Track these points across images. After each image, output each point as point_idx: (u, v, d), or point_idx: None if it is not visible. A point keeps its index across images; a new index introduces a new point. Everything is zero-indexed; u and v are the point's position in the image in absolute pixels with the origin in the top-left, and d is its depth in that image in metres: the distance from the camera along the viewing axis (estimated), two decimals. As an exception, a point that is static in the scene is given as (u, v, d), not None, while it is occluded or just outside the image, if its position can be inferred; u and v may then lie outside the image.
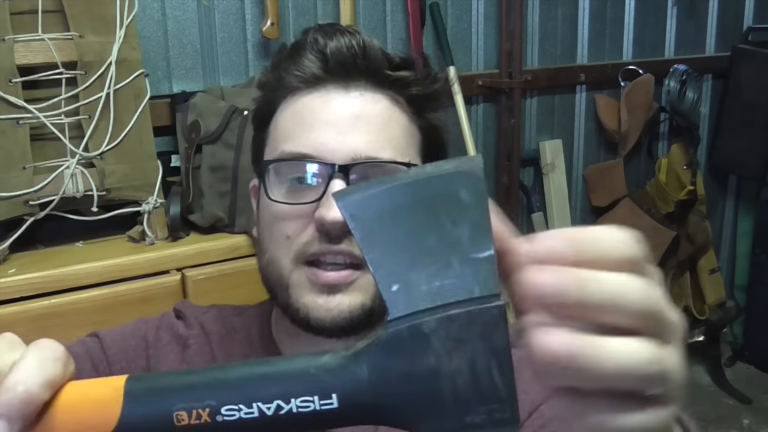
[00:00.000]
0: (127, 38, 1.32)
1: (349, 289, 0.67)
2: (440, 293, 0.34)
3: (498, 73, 2.22)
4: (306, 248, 0.67)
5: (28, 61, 1.24)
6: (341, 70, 0.70)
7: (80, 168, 1.28)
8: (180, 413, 0.34)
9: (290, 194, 0.69)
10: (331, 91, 0.70)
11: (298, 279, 0.68)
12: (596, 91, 2.46)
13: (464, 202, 0.34)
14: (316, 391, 0.34)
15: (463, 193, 0.34)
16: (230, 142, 1.42)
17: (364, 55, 0.70)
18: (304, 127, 0.69)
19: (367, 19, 1.98)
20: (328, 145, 0.67)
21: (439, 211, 0.34)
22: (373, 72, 0.70)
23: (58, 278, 1.21)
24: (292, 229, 0.68)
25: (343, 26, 0.73)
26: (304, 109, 0.70)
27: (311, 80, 0.70)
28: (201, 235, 1.43)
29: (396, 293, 0.34)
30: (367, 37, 0.70)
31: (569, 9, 2.36)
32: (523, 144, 2.34)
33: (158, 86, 1.67)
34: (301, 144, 0.68)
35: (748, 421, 2.40)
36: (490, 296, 0.33)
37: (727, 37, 2.70)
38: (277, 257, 0.69)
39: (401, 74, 0.71)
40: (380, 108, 0.70)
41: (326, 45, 0.70)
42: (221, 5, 1.77)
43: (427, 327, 0.33)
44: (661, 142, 2.66)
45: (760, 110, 2.55)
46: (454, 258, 0.33)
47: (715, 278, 2.72)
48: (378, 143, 0.69)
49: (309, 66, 0.70)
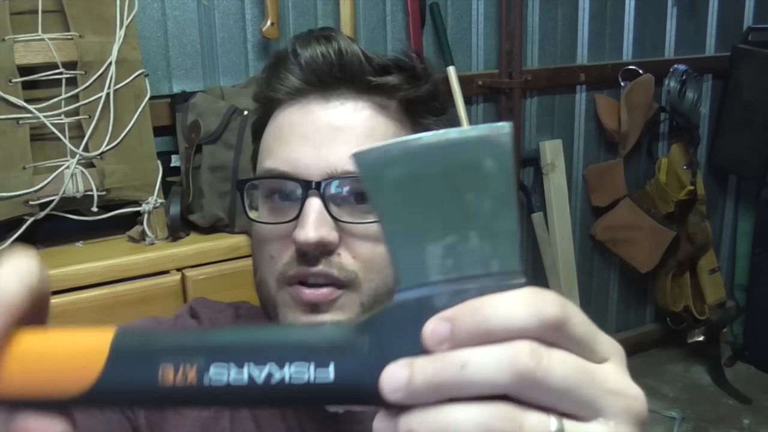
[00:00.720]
0: (127, 38, 1.32)
1: (332, 308, 0.64)
2: (456, 266, 0.32)
3: (498, 73, 2.22)
4: (286, 269, 0.64)
5: (28, 61, 1.24)
6: (318, 79, 0.66)
7: (80, 168, 1.28)
8: (166, 368, 0.32)
9: (272, 212, 0.67)
10: (312, 102, 0.67)
11: (283, 298, 0.66)
12: (596, 91, 2.46)
13: (488, 172, 0.32)
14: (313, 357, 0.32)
15: (488, 162, 0.32)
16: (230, 142, 1.42)
17: (341, 63, 0.66)
18: (282, 143, 0.66)
19: (367, 19, 1.98)
20: (304, 160, 0.64)
21: (460, 180, 0.32)
22: (353, 79, 0.66)
23: (58, 278, 1.21)
24: (274, 250, 0.66)
25: (323, 32, 0.69)
26: (284, 123, 0.67)
27: (292, 92, 0.67)
28: (201, 235, 1.43)
29: (408, 262, 0.32)
30: (344, 42, 0.66)
31: (569, 9, 2.36)
32: (523, 144, 2.34)
33: (158, 86, 1.67)
34: (279, 160, 0.66)
35: (748, 421, 2.40)
36: (509, 272, 0.31)
37: (727, 37, 2.70)
38: (264, 278, 0.67)
39: (384, 79, 0.67)
40: (362, 117, 0.66)
41: (301, 55, 0.67)
42: (221, 5, 1.77)
43: (438, 300, 0.32)
44: (661, 142, 2.66)
45: (760, 110, 2.55)
46: (473, 230, 0.32)
47: (715, 278, 2.72)
48: None
49: (288, 78, 0.67)
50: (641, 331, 2.82)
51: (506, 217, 0.32)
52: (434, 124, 0.71)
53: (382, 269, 0.65)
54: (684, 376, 2.66)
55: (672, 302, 2.66)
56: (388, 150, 0.32)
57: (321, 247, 0.62)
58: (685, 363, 2.74)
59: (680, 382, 2.62)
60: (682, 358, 2.76)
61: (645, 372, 2.62)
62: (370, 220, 0.64)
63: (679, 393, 2.55)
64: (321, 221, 0.62)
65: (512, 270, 0.32)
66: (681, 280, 2.66)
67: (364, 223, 0.63)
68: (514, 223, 0.32)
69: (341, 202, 0.64)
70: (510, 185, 0.32)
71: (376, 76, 0.66)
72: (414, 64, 0.69)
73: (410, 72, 0.68)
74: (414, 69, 0.69)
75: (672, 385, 2.59)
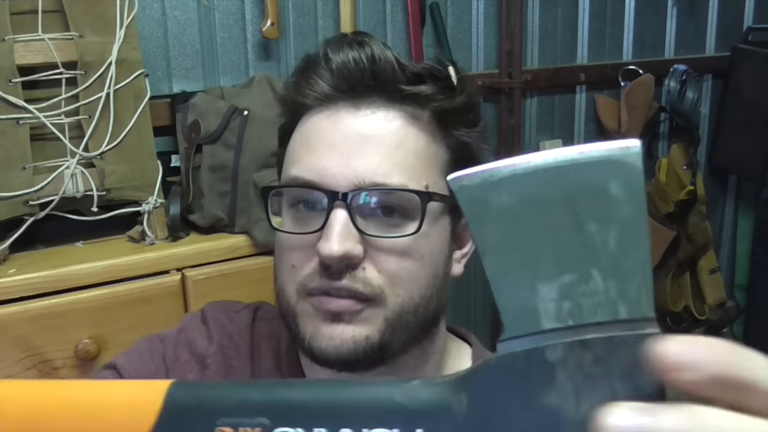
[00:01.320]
0: (127, 38, 1.32)
1: (354, 320, 0.62)
2: (574, 312, 0.26)
3: (498, 73, 2.22)
4: (308, 281, 0.63)
5: (28, 61, 1.24)
6: (349, 86, 0.64)
7: (80, 168, 1.28)
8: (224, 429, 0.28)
9: (296, 222, 0.65)
10: (341, 109, 0.64)
11: (303, 308, 0.64)
12: (596, 91, 2.46)
13: (615, 198, 0.26)
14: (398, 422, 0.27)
15: (614, 187, 0.26)
16: (230, 142, 1.42)
17: (373, 70, 0.63)
18: (309, 150, 0.64)
19: (367, 19, 1.98)
20: (331, 170, 0.62)
21: (580, 207, 0.27)
22: (385, 87, 0.64)
23: (58, 278, 1.21)
24: (296, 260, 0.64)
25: (356, 36, 0.66)
26: (312, 129, 0.65)
27: (321, 98, 0.65)
28: (201, 235, 1.43)
29: (515, 306, 0.27)
30: (378, 48, 0.64)
31: (569, 9, 2.36)
32: (523, 144, 2.34)
33: (158, 86, 1.67)
34: (305, 168, 0.64)
35: (748, 421, 2.40)
36: (640, 320, 0.25)
37: (727, 37, 2.70)
38: (284, 286, 0.66)
39: (417, 89, 0.64)
40: (393, 127, 0.63)
41: (333, 60, 0.64)
42: (221, 5, 1.77)
43: (551, 353, 0.26)
44: (661, 142, 2.66)
45: (760, 110, 2.55)
46: (597, 268, 0.26)
47: (715, 278, 2.71)
48: (387, 167, 0.62)
49: (318, 83, 0.65)
50: (641, 331, 2.81)
51: (636, 251, 0.26)
52: (467, 136, 0.68)
53: (409, 284, 0.63)
54: (684, 376, 2.66)
55: (672, 302, 2.66)
56: (493, 173, 0.28)
57: (345, 261, 0.60)
58: (685, 363, 2.73)
59: (680, 382, 2.61)
60: (682, 358, 2.75)
61: (645, 372, 2.62)
62: (397, 234, 0.62)
63: (679, 393, 2.55)
64: (346, 234, 0.60)
65: (644, 317, 0.26)
66: (681, 280, 2.66)
67: (391, 237, 0.62)
68: (647, 259, 0.26)
69: (368, 214, 0.62)
70: (641, 213, 0.27)
71: (409, 84, 0.64)
72: (449, 74, 0.67)
73: (445, 82, 0.66)
74: (448, 79, 0.67)
75: (672, 385, 2.59)
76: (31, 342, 1.16)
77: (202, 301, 0.95)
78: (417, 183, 0.63)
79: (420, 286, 0.64)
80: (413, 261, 0.63)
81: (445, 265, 0.67)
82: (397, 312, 0.63)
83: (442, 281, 0.67)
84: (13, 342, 1.15)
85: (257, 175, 1.39)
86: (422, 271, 0.64)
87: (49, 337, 1.18)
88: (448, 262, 0.68)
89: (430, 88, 0.65)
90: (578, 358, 0.25)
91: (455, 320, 2.32)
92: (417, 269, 0.63)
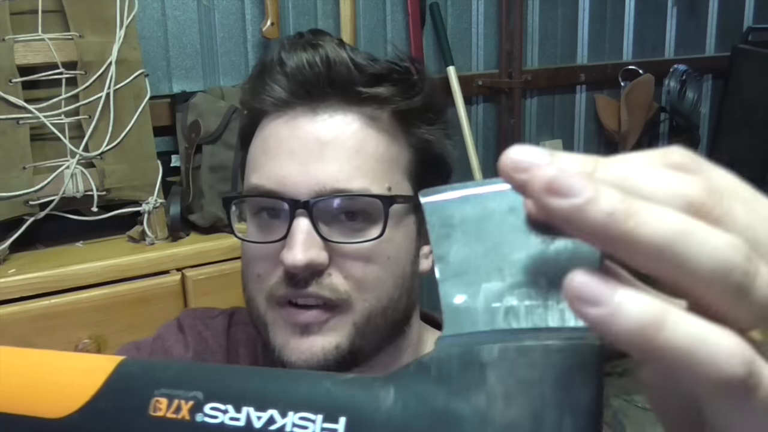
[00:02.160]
0: (127, 38, 1.32)
1: (323, 329, 0.62)
2: (517, 315, 0.26)
3: (498, 73, 2.22)
4: (274, 290, 0.62)
5: (28, 61, 1.24)
6: (305, 92, 0.62)
7: (80, 168, 1.28)
8: (159, 399, 0.29)
9: (260, 230, 0.64)
10: (299, 114, 0.63)
11: (273, 318, 0.64)
12: (596, 91, 2.46)
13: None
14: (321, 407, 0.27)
15: None
16: (230, 142, 1.42)
17: (329, 74, 0.62)
18: (269, 157, 0.63)
19: (367, 19, 1.98)
20: (291, 178, 0.61)
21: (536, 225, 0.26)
22: (342, 90, 0.62)
23: (58, 278, 1.21)
24: (262, 268, 0.64)
25: (311, 37, 0.65)
26: (271, 136, 0.64)
27: (277, 103, 0.64)
28: (201, 235, 1.43)
29: (457, 305, 0.27)
30: (333, 50, 0.62)
31: (569, 9, 2.36)
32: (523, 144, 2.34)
33: (158, 86, 1.67)
34: (265, 177, 0.63)
35: (748, 421, 2.40)
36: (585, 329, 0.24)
37: (727, 37, 2.70)
38: (253, 295, 0.65)
39: (375, 91, 0.63)
40: (352, 130, 0.62)
41: (287, 63, 0.63)
42: (221, 5, 1.77)
43: (486, 354, 0.25)
44: (661, 142, 2.66)
45: (760, 110, 2.55)
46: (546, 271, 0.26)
47: (715, 278, 2.72)
48: (347, 172, 0.61)
49: (274, 89, 0.63)
50: (641, 331, 2.82)
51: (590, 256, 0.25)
52: (428, 134, 0.67)
53: (376, 287, 0.63)
54: (684, 376, 2.66)
55: (672, 302, 2.67)
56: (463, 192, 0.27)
57: (310, 269, 0.60)
58: (685, 363, 2.74)
59: (680, 382, 2.62)
60: (682, 358, 2.76)
61: (645, 372, 2.62)
62: (361, 240, 0.61)
63: (679, 393, 2.55)
64: (309, 242, 0.60)
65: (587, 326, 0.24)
66: (681, 280, 2.67)
67: (355, 243, 0.61)
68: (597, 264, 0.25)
69: (331, 220, 0.62)
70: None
71: (366, 86, 0.63)
72: (408, 72, 0.65)
73: (404, 82, 0.65)
74: (408, 79, 0.65)
75: (672, 385, 2.59)
76: (31, 342, 1.16)
77: (202, 301, 0.95)
78: (379, 186, 0.62)
79: (387, 288, 0.64)
80: (379, 264, 0.63)
81: (412, 264, 0.67)
82: (366, 316, 0.62)
83: (411, 281, 0.67)
84: (13, 342, 1.15)
85: (257, 175, 1.39)
86: (389, 273, 0.64)
87: (49, 337, 1.18)
88: (415, 261, 0.68)
89: (388, 90, 0.63)
90: (513, 362, 0.25)
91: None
92: (383, 272, 0.63)
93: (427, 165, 0.68)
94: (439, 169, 0.70)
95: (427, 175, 0.68)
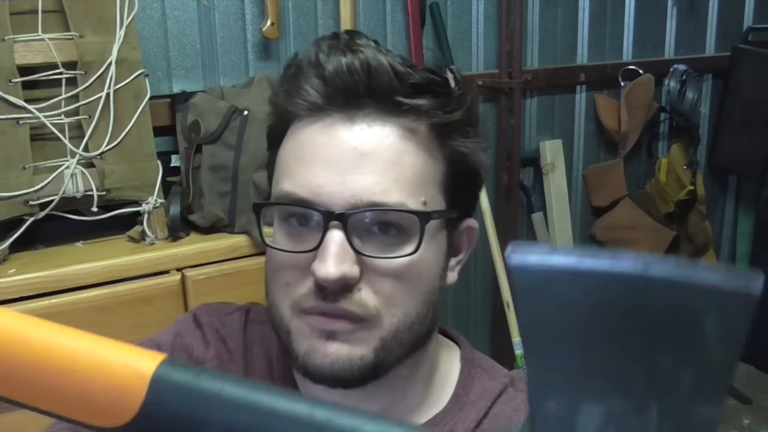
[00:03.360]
0: (127, 38, 1.32)
1: (350, 339, 0.61)
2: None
3: (498, 73, 2.22)
4: (302, 301, 0.61)
5: (28, 61, 1.24)
6: (342, 97, 0.60)
7: (80, 168, 1.28)
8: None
9: (291, 237, 0.63)
10: (336, 121, 0.61)
11: (297, 326, 0.63)
12: (596, 91, 2.46)
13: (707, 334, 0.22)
14: None
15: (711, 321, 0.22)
16: (230, 142, 1.42)
17: (369, 80, 0.59)
18: (303, 164, 0.61)
19: (367, 19, 1.98)
20: (326, 188, 0.59)
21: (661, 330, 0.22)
22: (381, 99, 0.60)
23: (58, 278, 1.21)
24: (290, 277, 0.62)
25: (350, 39, 0.63)
26: (305, 142, 0.62)
27: (312, 108, 0.62)
28: (201, 235, 1.43)
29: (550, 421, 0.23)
30: (373, 55, 0.60)
31: (569, 9, 2.36)
32: (523, 144, 2.34)
33: (158, 86, 1.67)
34: (298, 185, 0.61)
35: (748, 421, 2.40)
36: None
37: (727, 37, 2.70)
38: (277, 303, 0.64)
39: (414, 102, 0.61)
40: (390, 142, 0.60)
41: (325, 67, 0.60)
42: (221, 5, 1.77)
43: None
44: (661, 142, 2.66)
45: (759, 110, 2.55)
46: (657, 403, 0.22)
47: (715, 278, 2.71)
48: (384, 184, 0.59)
49: (308, 92, 0.61)
50: (641, 331, 2.81)
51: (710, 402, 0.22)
52: (464, 146, 0.66)
53: (405, 303, 0.62)
54: (684, 376, 2.66)
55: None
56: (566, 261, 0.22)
57: (342, 283, 0.59)
58: (685, 363, 2.73)
59: (680, 382, 2.62)
60: (682, 358, 2.76)
61: (645, 372, 2.62)
62: (394, 255, 0.60)
63: (679, 393, 2.55)
64: (343, 255, 0.58)
65: None
66: (681, 280, 2.66)
67: (389, 258, 0.60)
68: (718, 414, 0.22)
69: (364, 233, 0.61)
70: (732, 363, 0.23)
71: (406, 97, 0.61)
72: (447, 84, 0.64)
73: (444, 95, 0.63)
74: (449, 92, 0.64)
75: (672, 385, 2.59)
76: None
77: (202, 301, 0.95)
78: (415, 200, 0.61)
79: (416, 304, 0.63)
80: (410, 281, 0.62)
81: (440, 279, 0.66)
82: (393, 332, 0.62)
83: (437, 295, 0.66)
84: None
85: (257, 175, 1.39)
86: (419, 289, 0.63)
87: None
88: (443, 275, 0.67)
89: (428, 102, 0.62)
90: None
91: (455, 320, 2.32)
92: (413, 289, 0.62)
93: (460, 177, 0.66)
94: (472, 182, 0.68)
95: (460, 187, 0.66)
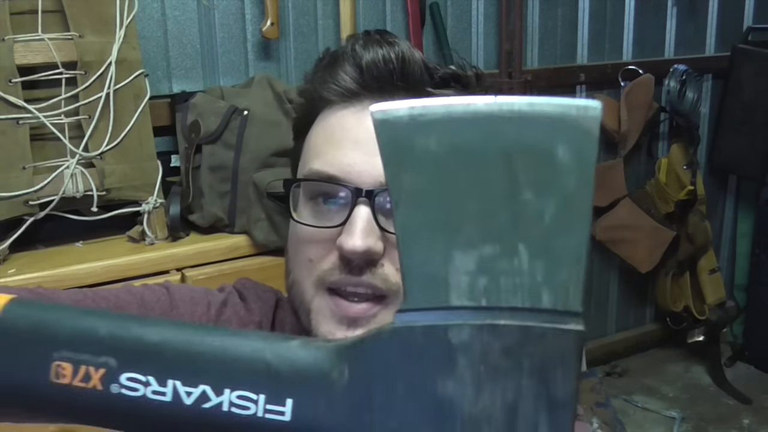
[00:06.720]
0: (127, 38, 1.32)
1: (370, 324, 0.62)
2: (490, 290, 0.22)
3: (498, 73, 2.22)
4: (327, 275, 0.63)
5: (28, 61, 1.24)
6: (377, 84, 0.64)
7: (80, 168, 1.28)
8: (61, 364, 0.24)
9: (316, 215, 0.65)
10: (368, 107, 0.62)
11: (319, 305, 0.64)
12: (596, 91, 2.46)
13: (561, 165, 0.22)
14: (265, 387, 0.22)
15: (563, 151, 0.22)
16: (230, 142, 1.42)
17: (402, 69, 0.64)
18: (333, 145, 0.65)
19: (367, 19, 1.98)
20: (356, 167, 0.62)
21: (519, 169, 0.22)
22: (412, 88, 0.65)
23: (58, 278, 1.21)
24: (314, 253, 0.64)
25: (386, 35, 0.67)
26: (337, 125, 0.66)
27: (346, 94, 0.65)
28: (201, 235, 1.43)
29: (423, 273, 0.22)
30: (407, 48, 0.65)
31: (569, 9, 2.36)
32: (523, 144, 2.34)
33: (158, 86, 1.67)
34: (328, 163, 0.64)
35: (748, 421, 2.40)
36: (564, 313, 0.21)
37: (727, 37, 2.70)
38: (300, 279, 0.66)
39: (443, 93, 0.65)
40: None
41: (362, 57, 0.65)
42: (221, 5, 1.77)
43: (455, 335, 0.21)
44: (661, 142, 2.66)
45: (760, 110, 2.55)
46: (525, 243, 0.22)
47: (715, 278, 2.71)
48: None
49: (344, 79, 0.65)
50: (641, 331, 2.81)
51: (574, 232, 0.22)
52: None
53: None
54: (684, 376, 2.66)
55: (672, 302, 2.66)
56: (425, 112, 0.22)
57: (367, 256, 0.61)
58: (685, 363, 2.73)
59: (680, 382, 2.62)
60: (682, 358, 2.76)
61: (645, 372, 2.62)
62: None
63: (679, 393, 2.55)
64: (369, 230, 0.60)
65: (569, 309, 0.21)
66: (681, 280, 2.66)
67: None
68: (584, 243, 0.22)
69: (389, 212, 0.62)
70: (587, 189, 0.23)
71: (435, 88, 0.66)
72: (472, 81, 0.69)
73: (469, 90, 0.68)
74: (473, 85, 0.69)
75: (672, 385, 2.59)
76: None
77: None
78: None
79: None
80: None
81: None
82: None
83: None
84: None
85: (257, 175, 1.39)
86: None
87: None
88: None
89: (454, 93, 0.66)
90: (485, 345, 0.21)
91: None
92: None
93: None
94: None
95: None
